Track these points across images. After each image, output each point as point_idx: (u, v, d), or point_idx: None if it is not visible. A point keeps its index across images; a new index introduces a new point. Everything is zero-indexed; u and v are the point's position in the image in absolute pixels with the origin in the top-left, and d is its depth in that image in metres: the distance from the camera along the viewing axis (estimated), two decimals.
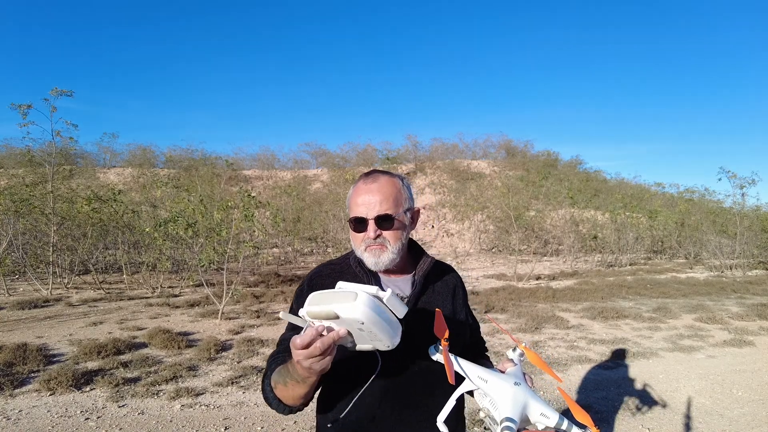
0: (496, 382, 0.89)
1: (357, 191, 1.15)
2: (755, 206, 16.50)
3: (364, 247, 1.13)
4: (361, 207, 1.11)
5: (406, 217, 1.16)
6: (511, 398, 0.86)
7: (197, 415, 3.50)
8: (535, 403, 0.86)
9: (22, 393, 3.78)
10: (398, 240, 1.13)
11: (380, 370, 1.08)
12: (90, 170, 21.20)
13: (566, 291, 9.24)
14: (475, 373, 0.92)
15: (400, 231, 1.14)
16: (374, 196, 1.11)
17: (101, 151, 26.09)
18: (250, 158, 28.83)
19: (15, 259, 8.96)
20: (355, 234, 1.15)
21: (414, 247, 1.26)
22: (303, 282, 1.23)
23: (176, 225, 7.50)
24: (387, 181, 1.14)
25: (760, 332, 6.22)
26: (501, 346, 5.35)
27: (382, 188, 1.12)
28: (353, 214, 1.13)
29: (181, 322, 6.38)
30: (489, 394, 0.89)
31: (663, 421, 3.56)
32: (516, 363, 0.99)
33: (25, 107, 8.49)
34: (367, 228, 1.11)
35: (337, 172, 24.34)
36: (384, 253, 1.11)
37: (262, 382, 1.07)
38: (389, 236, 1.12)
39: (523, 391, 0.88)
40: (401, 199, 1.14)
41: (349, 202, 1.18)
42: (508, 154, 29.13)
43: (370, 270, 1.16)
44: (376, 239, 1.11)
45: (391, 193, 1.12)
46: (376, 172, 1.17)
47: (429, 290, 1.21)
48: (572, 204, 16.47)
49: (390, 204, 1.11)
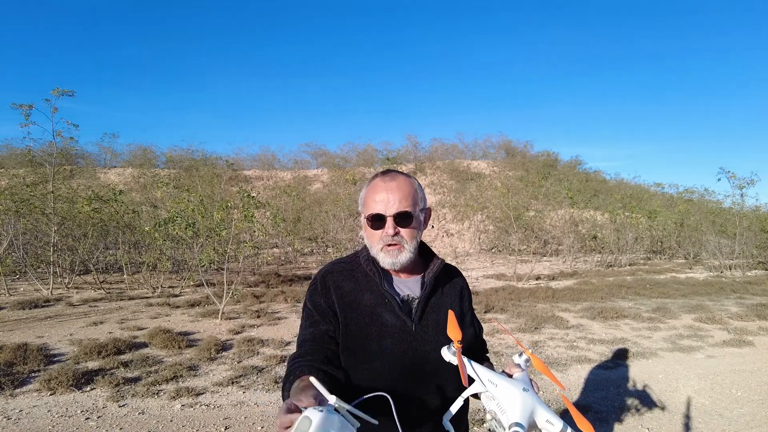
0: (506, 386, 0.91)
1: (375, 188, 1.14)
2: (754, 206, 16.54)
3: (381, 247, 1.12)
4: (379, 204, 1.11)
5: (421, 217, 1.17)
6: (520, 403, 0.87)
7: (197, 414, 3.51)
8: (542, 409, 0.88)
9: (23, 393, 3.79)
10: (414, 239, 1.14)
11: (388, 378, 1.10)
12: (90, 170, 21.23)
13: (566, 291, 9.25)
14: (486, 376, 0.94)
15: (416, 230, 1.15)
16: (393, 193, 1.11)
17: (102, 151, 26.12)
18: (250, 158, 28.85)
19: (16, 259, 8.98)
20: (372, 231, 1.14)
21: (423, 248, 1.26)
22: (315, 280, 1.22)
23: (176, 225, 7.51)
24: (405, 180, 1.15)
25: (760, 332, 6.22)
26: (501, 346, 5.37)
27: (401, 186, 1.12)
28: (371, 210, 1.12)
29: (181, 322, 6.39)
30: (497, 398, 0.90)
31: (662, 421, 3.57)
32: (523, 369, 1.00)
33: (27, 107, 8.51)
34: (385, 225, 1.11)
35: (337, 173, 24.37)
36: (402, 253, 1.12)
37: (282, 389, 1.05)
38: (406, 234, 1.12)
39: (531, 397, 0.89)
40: (417, 199, 1.15)
41: (364, 199, 1.17)
42: (508, 155, 29.14)
43: (382, 269, 1.16)
44: (394, 237, 1.11)
45: (410, 192, 1.13)
46: (393, 171, 1.17)
47: (438, 292, 1.21)
48: (572, 204, 16.49)
49: (409, 202, 1.11)
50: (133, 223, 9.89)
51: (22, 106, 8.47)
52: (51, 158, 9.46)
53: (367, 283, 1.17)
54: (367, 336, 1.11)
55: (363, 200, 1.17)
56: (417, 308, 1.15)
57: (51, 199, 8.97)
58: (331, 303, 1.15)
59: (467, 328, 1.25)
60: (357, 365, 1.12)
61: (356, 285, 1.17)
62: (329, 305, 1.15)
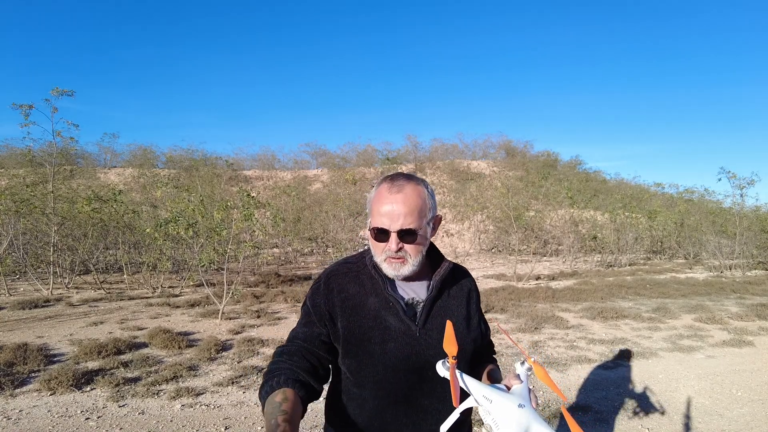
0: (501, 402, 0.90)
1: (381, 198, 1.09)
2: (755, 206, 16.54)
3: (384, 258, 1.10)
4: (384, 218, 1.07)
5: (429, 228, 1.13)
6: (515, 421, 0.86)
7: (198, 414, 3.51)
8: (538, 426, 0.87)
9: (23, 393, 3.78)
10: (419, 254, 1.11)
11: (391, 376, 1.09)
12: (90, 170, 21.23)
13: (566, 291, 9.25)
14: (480, 392, 0.92)
15: (422, 245, 1.11)
16: (399, 207, 1.06)
17: (102, 151, 26.14)
18: (250, 158, 28.88)
19: (16, 259, 8.97)
20: (376, 243, 1.11)
21: (432, 250, 1.23)
22: (319, 280, 1.20)
23: (176, 225, 7.51)
24: (413, 190, 1.08)
25: (760, 332, 6.22)
26: (500, 346, 5.36)
27: (407, 200, 1.07)
28: (375, 224, 1.09)
29: (181, 322, 6.39)
30: (492, 414, 0.89)
31: (662, 420, 3.57)
32: (522, 379, 0.99)
33: (27, 107, 8.51)
34: (388, 239, 1.08)
35: (337, 173, 24.40)
36: (404, 266, 1.10)
37: (262, 386, 1.04)
38: (411, 250, 1.09)
39: (526, 413, 0.88)
40: (425, 210, 1.10)
41: (371, 206, 1.13)
42: (508, 155, 29.16)
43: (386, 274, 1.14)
44: (398, 252, 1.08)
45: (417, 204, 1.07)
46: (401, 178, 1.11)
47: (444, 295, 1.19)
48: (572, 204, 16.48)
49: (414, 217, 1.07)
50: (133, 223, 9.89)
51: (21, 106, 8.48)
52: (51, 158, 9.46)
53: (372, 286, 1.15)
54: (370, 339, 1.10)
55: (370, 207, 1.14)
56: (422, 312, 1.13)
57: (51, 199, 8.97)
58: (331, 306, 1.14)
59: (474, 329, 1.22)
60: (360, 369, 1.11)
61: (361, 288, 1.15)
62: (328, 308, 1.14)
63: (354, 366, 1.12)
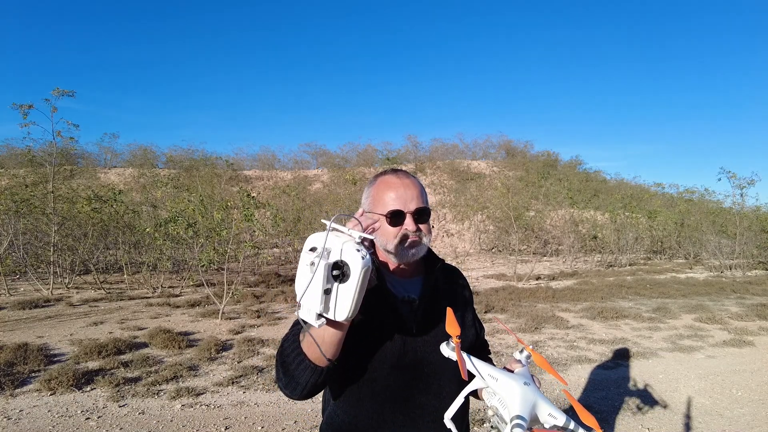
0: (507, 381, 0.90)
1: (389, 185, 1.14)
2: (755, 206, 16.55)
3: (399, 241, 1.12)
4: (397, 201, 1.11)
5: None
6: (521, 397, 0.87)
7: (198, 414, 3.51)
8: (544, 403, 0.87)
9: (23, 393, 3.79)
10: (430, 233, 1.16)
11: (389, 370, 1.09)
12: (91, 170, 21.18)
13: (566, 291, 9.25)
14: (486, 371, 0.93)
15: (430, 226, 1.17)
16: (410, 190, 1.12)
17: (102, 151, 26.16)
18: (250, 158, 28.91)
19: (16, 259, 8.97)
20: (389, 228, 1.12)
21: (427, 250, 1.27)
22: None
23: (176, 225, 7.52)
24: (415, 179, 1.18)
25: (760, 332, 6.22)
26: (500, 346, 5.37)
27: (415, 183, 1.15)
28: (390, 207, 1.11)
29: (181, 322, 6.39)
30: (498, 393, 0.90)
31: (663, 420, 3.56)
32: (524, 364, 1.00)
33: (26, 107, 8.51)
34: (404, 222, 1.11)
35: (337, 173, 24.38)
36: (421, 245, 1.14)
37: (280, 351, 1.04)
38: (424, 229, 1.14)
39: (532, 390, 0.89)
40: (426, 196, 1.19)
41: (374, 197, 1.15)
42: (508, 155, 29.17)
43: (377, 268, 1.15)
44: (415, 232, 1.12)
45: (422, 189, 1.17)
46: (402, 171, 1.19)
47: (439, 293, 1.21)
48: (572, 204, 16.48)
49: (423, 199, 1.15)
50: (133, 223, 9.89)
51: (21, 106, 8.48)
52: (51, 158, 9.47)
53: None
54: (366, 337, 1.10)
55: (373, 197, 1.16)
56: (417, 309, 1.15)
57: (51, 199, 8.97)
58: None
59: (468, 328, 1.25)
60: (355, 366, 1.11)
61: None
62: None
63: (349, 363, 1.11)
